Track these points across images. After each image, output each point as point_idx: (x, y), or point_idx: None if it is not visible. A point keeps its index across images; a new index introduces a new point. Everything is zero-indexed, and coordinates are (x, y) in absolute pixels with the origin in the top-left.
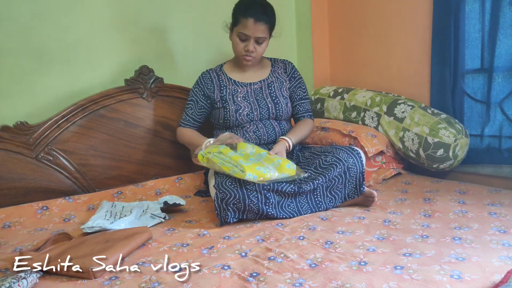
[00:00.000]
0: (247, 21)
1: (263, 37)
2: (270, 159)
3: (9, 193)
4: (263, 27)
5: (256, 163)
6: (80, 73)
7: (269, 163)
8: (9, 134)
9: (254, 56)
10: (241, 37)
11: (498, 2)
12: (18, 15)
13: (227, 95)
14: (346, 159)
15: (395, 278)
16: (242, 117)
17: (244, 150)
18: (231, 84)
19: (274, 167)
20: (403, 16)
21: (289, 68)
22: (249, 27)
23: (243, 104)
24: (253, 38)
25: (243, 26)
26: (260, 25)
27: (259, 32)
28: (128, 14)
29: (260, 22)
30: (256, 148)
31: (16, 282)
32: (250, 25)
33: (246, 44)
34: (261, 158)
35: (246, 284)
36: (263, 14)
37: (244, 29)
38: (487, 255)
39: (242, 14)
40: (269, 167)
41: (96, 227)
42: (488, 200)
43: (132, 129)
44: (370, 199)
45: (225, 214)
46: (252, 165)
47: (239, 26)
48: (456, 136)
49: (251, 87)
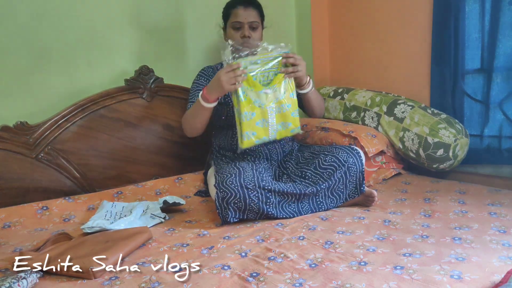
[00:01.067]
0: (237, 10)
1: (255, 22)
2: (279, 101)
3: (9, 193)
4: (253, 12)
5: (257, 115)
6: (80, 73)
7: (276, 104)
8: (9, 134)
9: (251, 42)
10: (235, 26)
11: (498, 2)
12: (18, 15)
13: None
14: (346, 159)
15: (395, 278)
16: None
17: (249, 90)
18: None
19: (278, 112)
20: (403, 16)
21: None
22: (240, 14)
23: None
24: (247, 24)
25: (235, 15)
26: (250, 10)
27: (250, 17)
28: (128, 14)
29: (249, 8)
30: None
31: (16, 282)
32: (240, 12)
33: (242, 31)
34: (266, 100)
35: (246, 284)
36: (250, 0)
37: (236, 18)
38: (487, 255)
39: (231, 5)
40: (272, 117)
41: (96, 227)
42: (488, 200)
43: (132, 129)
44: (370, 199)
45: (225, 213)
46: (251, 121)
47: (231, 18)
48: (456, 136)
49: None
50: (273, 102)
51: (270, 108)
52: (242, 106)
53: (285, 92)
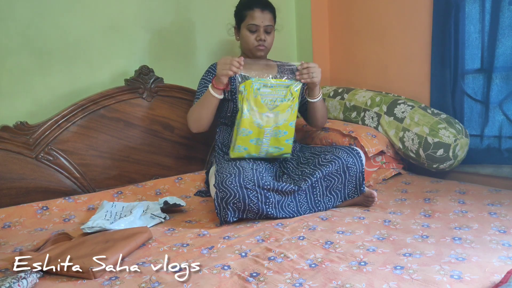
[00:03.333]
0: (254, 12)
1: (270, 26)
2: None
3: (9, 193)
4: (269, 15)
5: (253, 133)
6: (80, 73)
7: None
8: (9, 134)
9: (266, 46)
10: (251, 28)
11: (498, 2)
12: (18, 14)
13: (236, 88)
14: (345, 158)
15: (395, 278)
16: None
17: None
18: (241, 77)
19: (273, 136)
20: (403, 16)
21: (295, 70)
22: (257, 16)
23: None
24: (262, 27)
25: (251, 17)
26: (266, 13)
27: (267, 20)
28: (128, 14)
29: (266, 11)
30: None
31: (16, 282)
32: (257, 14)
33: (257, 34)
34: (265, 122)
35: (246, 284)
36: (267, 3)
37: (252, 20)
38: (487, 255)
39: (248, 7)
40: (266, 139)
41: (96, 227)
42: (488, 200)
43: (132, 129)
44: (370, 199)
45: (224, 213)
46: (246, 137)
47: (247, 19)
48: (456, 136)
49: None
50: (272, 126)
51: (268, 130)
52: (243, 122)
53: (286, 120)
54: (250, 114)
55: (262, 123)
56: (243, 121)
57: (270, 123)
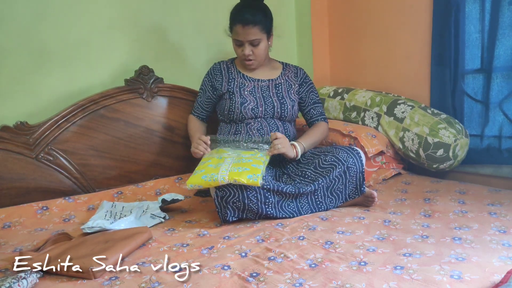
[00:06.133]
0: (236, 28)
1: (256, 39)
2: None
3: (9, 193)
4: (252, 30)
5: (212, 161)
6: (80, 73)
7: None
8: (9, 134)
9: (254, 59)
10: (236, 43)
11: (498, 2)
12: (18, 15)
13: (234, 87)
14: (345, 159)
15: (395, 278)
16: (247, 111)
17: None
18: (240, 77)
19: (236, 162)
20: (403, 16)
21: (300, 74)
22: (239, 32)
23: (249, 98)
24: (246, 42)
25: (235, 33)
26: (248, 29)
27: (249, 36)
28: (128, 14)
29: (247, 26)
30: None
31: (16, 282)
32: (239, 31)
33: (242, 49)
34: (225, 155)
35: (246, 284)
36: (250, 16)
37: (236, 36)
38: (487, 255)
39: (232, 21)
40: (227, 163)
41: (96, 227)
42: (488, 200)
43: (132, 129)
44: (370, 199)
45: (224, 212)
46: (205, 165)
47: (233, 34)
48: (456, 136)
49: (259, 83)
50: (233, 156)
51: (228, 158)
52: (203, 158)
53: (250, 157)
54: (211, 155)
55: (221, 156)
56: (204, 157)
57: (230, 155)
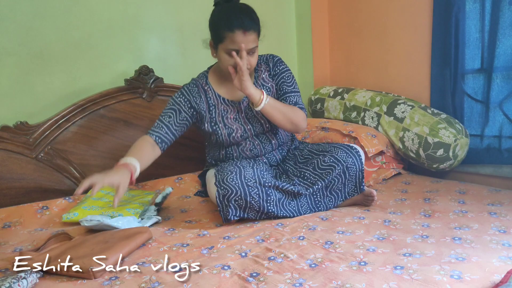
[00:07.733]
0: (234, 35)
1: (255, 47)
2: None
3: (9, 193)
4: (253, 36)
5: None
6: (80, 73)
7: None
8: (9, 134)
9: (249, 69)
10: (228, 52)
11: (498, 2)
12: (18, 15)
13: (216, 117)
14: (345, 159)
15: (395, 278)
16: (236, 139)
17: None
18: (220, 103)
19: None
20: (403, 16)
21: (271, 65)
22: (239, 40)
23: (235, 126)
24: (245, 51)
25: (231, 41)
26: (249, 34)
27: (250, 43)
28: (128, 14)
29: (249, 32)
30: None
31: (16, 282)
32: (239, 38)
33: (236, 59)
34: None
35: (246, 284)
36: (251, 21)
37: (232, 45)
38: (487, 255)
39: (228, 28)
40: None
41: (94, 221)
42: (488, 200)
43: (132, 129)
44: (370, 198)
45: (226, 211)
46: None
47: (226, 43)
48: (456, 136)
49: (240, 107)
50: None
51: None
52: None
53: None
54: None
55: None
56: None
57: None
